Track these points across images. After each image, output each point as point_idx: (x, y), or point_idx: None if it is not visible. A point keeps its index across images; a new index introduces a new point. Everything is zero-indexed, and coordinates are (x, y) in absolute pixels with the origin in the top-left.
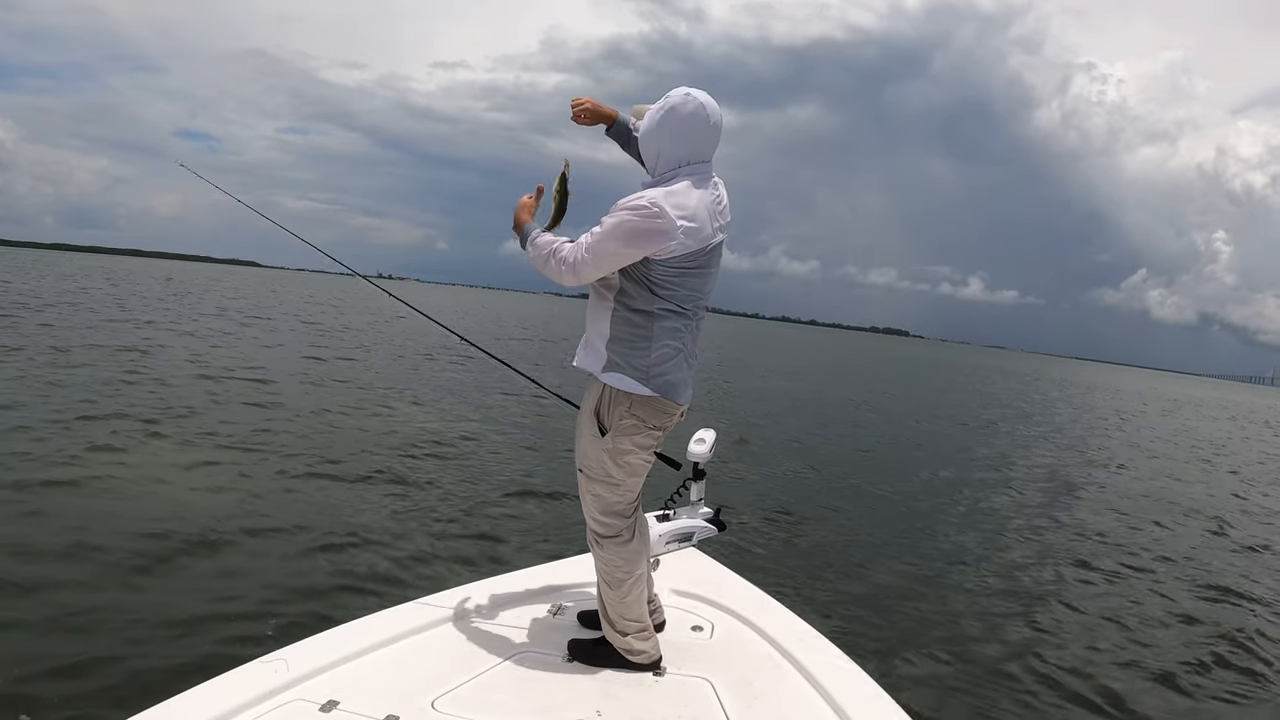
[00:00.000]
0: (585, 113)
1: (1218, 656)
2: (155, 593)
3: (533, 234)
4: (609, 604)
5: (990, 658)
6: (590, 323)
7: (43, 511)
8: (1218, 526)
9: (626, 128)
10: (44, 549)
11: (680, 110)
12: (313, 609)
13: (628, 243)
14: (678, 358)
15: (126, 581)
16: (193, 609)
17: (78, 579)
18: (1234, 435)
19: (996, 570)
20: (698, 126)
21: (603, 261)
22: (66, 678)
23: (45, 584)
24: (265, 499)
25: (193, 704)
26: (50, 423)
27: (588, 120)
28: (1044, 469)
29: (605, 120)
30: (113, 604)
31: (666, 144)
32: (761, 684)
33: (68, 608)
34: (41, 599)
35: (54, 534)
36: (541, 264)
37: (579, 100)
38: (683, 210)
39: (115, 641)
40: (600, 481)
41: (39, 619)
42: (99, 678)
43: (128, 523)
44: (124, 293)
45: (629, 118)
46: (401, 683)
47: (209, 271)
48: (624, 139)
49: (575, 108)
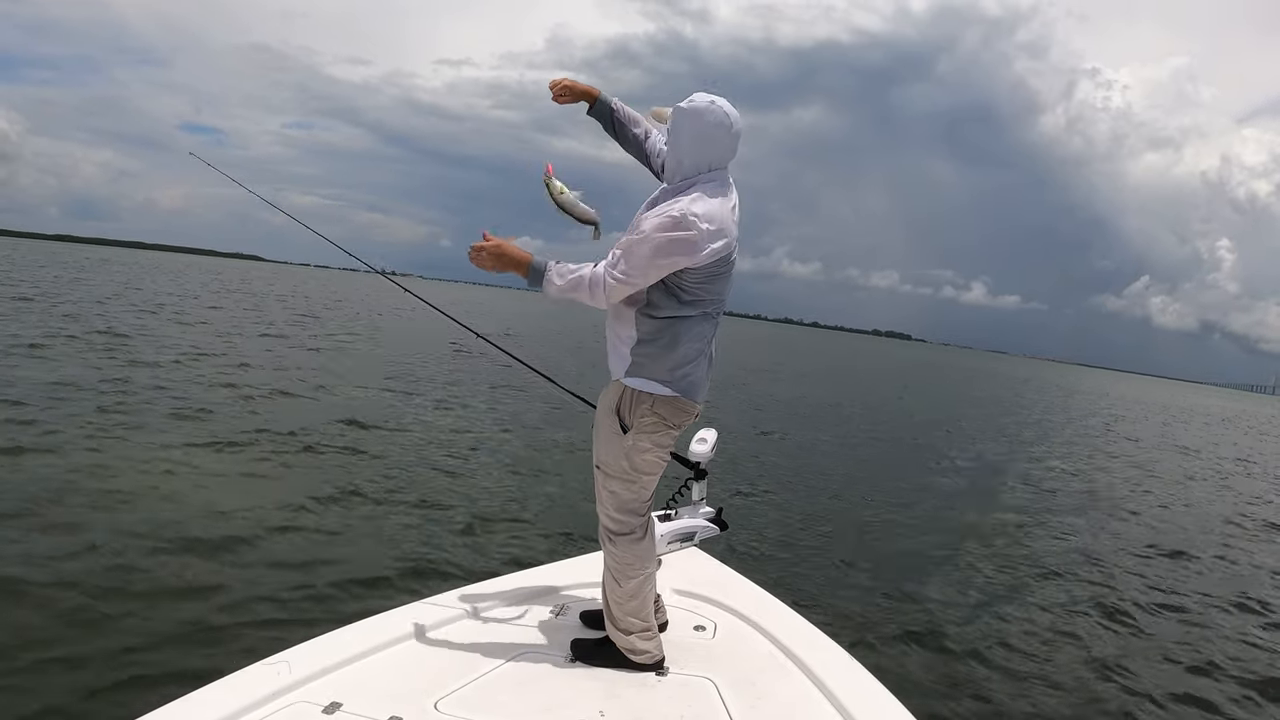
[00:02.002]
0: (565, 90)
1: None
2: (156, 591)
3: (548, 266)
4: (614, 603)
5: (994, 657)
6: (613, 327)
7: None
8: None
9: (609, 108)
10: (43, 546)
11: (706, 118)
12: (313, 609)
13: (665, 256)
14: (700, 359)
15: (127, 581)
16: (193, 609)
17: (78, 578)
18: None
19: (1002, 570)
20: (722, 134)
21: (641, 278)
22: (67, 677)
23: (46, 582)
24: (265, 500)
25: (195, 706)
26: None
27: (568, 99)
28: (1052, 476)
29: (586, 98)
30: (113, 604)
31: (691, 151)
32: (764, 683)
33: (68, 608)
34: (42, 597)
35: (59, 535)
36: (569, 292)
37: (556, 81)
38: (711, 221)
39: (117, 641)
40: (618, 478)
41: (39, 619)
42: (100, 677)
43: (133, 522)
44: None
45: (614, 101)
46: (404, 684)
47: (239, 268)
48: (606, 119)
49: (554, 88)
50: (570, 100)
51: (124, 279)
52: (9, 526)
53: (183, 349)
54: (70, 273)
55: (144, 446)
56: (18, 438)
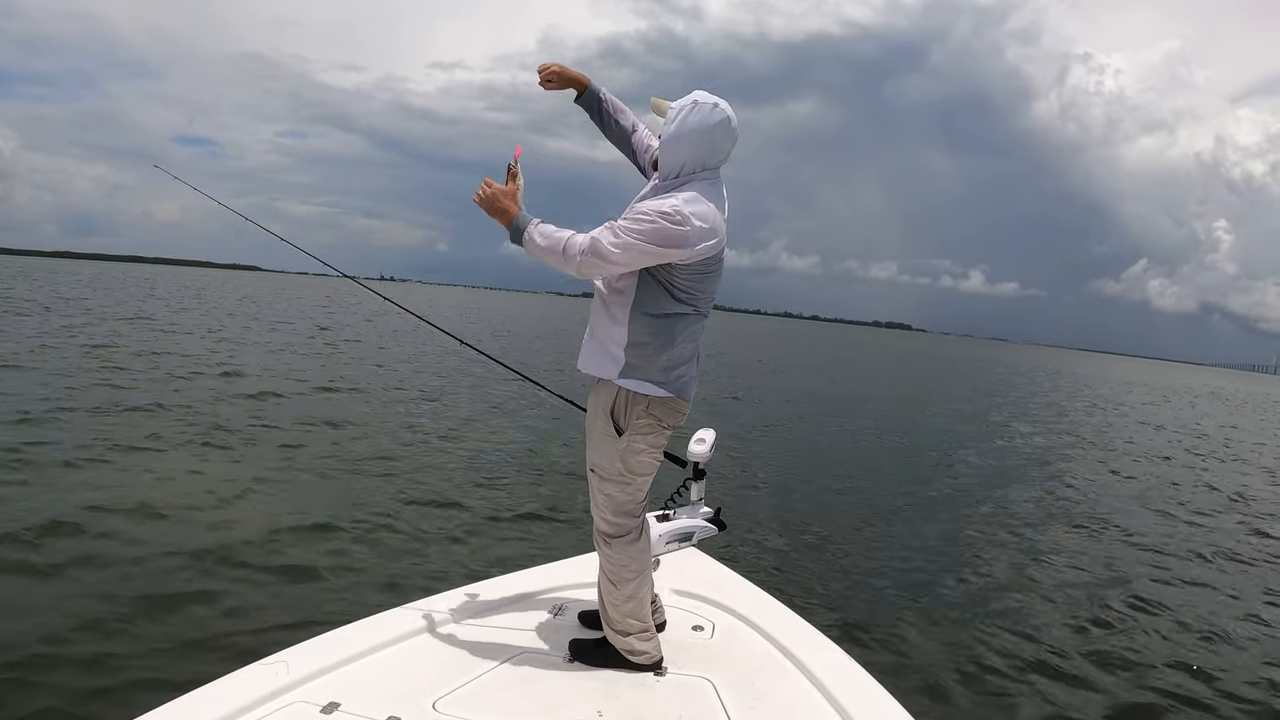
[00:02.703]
0: (554, 75)
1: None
2: (155, 592)
3: (532, 223)
4: (612, 604)
5: (994, 657)
6: (602, 327)
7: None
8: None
9: (597, 96)
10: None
11: (712, 118)
12: (311, 610)
13: (656, 244)
14: (692, 359)
15: (127, 580)
16: (192, 609)
17: (78, 575)
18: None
19: (1002, 569)
20: (723, 135)
21: (630, 257)
22: (68, 677)
23: (47, 582)
24: (264, 497)
25: (195, 706)
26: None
27: (557, 85)
28: (1052, 463)
29: (575, 85)
30: (113, 604)
31: (693, 149)
32: (763, 683)
33: (69, 606)
34: (43, 597)
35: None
36: (548, 254)
37: (545, 66)
38: (704, 219)
39: (116, 641)
40: (613, 481)
41: (40, 616)
42: (100, 678)
43: (134, 524)
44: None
45: (603, 91)
46: (402, 684)
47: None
48: (594, 108)
49: (542, 73)
50: (558, 86)
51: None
52: (9, 526)
53: (176, 355)
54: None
55: (145, 453)
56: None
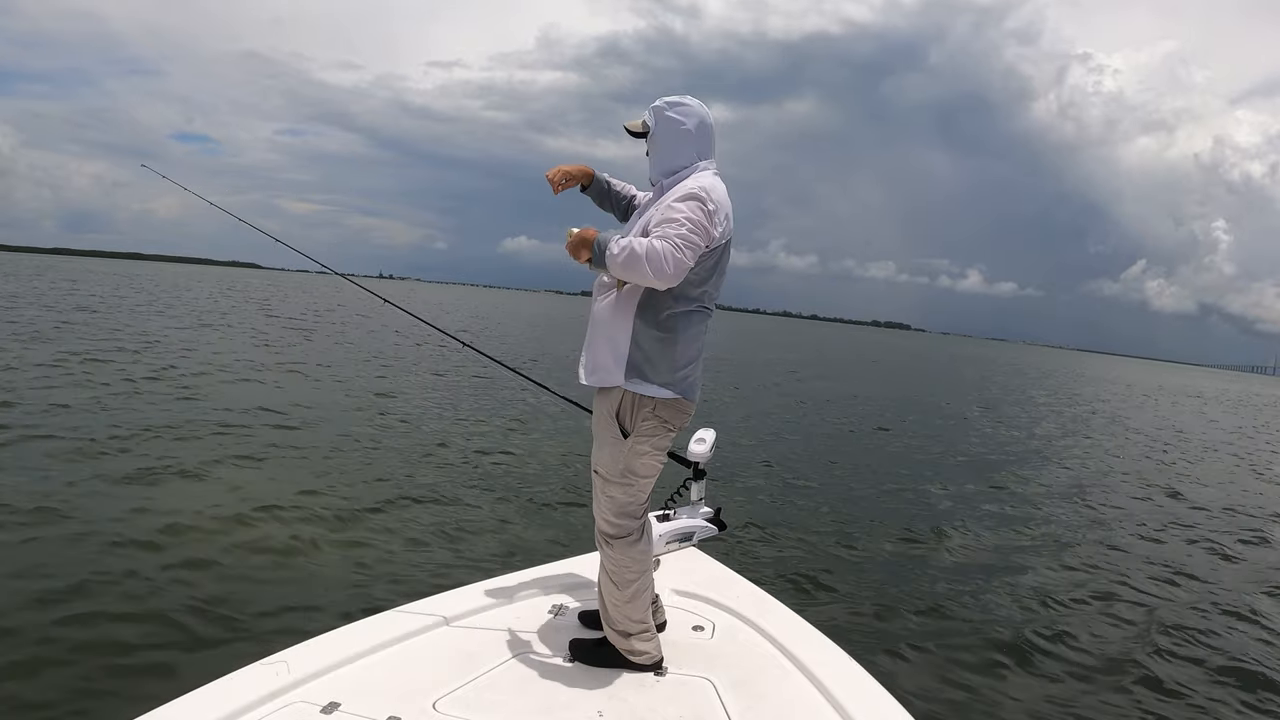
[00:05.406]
0: (564, 178)
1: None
2: (156, 593)
3: (609, 240)
4: (612, 605)
5: (993, 657)
6: (609, 330)
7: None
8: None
9: (605, 185)
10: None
11: (702, 110)
12: (311, 610)
13: (703, 230)
14: (699, 359)
15: (126, 581)
16: (192, 610)
17: (78, 579)
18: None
19: (1003, 571)
20: (710, 125)
21: (695, 250)
22: (67, 677)
23: (46, 582)
24: (263, 498)
25: (194, 706)
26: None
27: (567, 186)
28: (1055, 465)
29: (581, 180)
30: (112, 604)
31: (696, 139)
32: (763, 684)
33: (67, 608)
34: (42, 599)
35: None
36: (627, 269)
37: (552, 173)
38: (717, 195)
39: (116, 640)
40: (617, 483)
41: (38, 619)
42: (100, 677)
43: (133, 525)
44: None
45: (605, 176)
46: (403, 684)
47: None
48: (602, 193)
49: (552, 179)
50: (569, 186)
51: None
52: (9, 528)
53: (179, 355)
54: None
55: (147, 455)
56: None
